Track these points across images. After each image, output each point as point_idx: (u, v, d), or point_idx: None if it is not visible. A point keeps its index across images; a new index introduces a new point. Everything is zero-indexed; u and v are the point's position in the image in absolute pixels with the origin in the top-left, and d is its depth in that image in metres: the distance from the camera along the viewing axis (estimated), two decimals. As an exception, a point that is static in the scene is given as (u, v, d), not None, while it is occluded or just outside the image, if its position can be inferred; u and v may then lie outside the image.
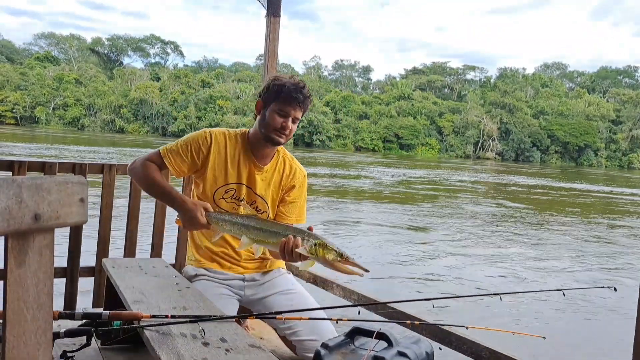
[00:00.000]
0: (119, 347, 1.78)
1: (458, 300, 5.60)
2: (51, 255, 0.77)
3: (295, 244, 1.71)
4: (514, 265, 8.67)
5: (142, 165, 2.01)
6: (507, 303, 6.29)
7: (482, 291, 6.65)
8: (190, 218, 1.90)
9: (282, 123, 2.00)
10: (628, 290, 6.60)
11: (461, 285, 7.17)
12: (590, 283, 7.82)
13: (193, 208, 1.90)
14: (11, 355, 0.71)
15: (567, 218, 15.65)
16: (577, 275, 8.38)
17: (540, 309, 6.34)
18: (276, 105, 2.01)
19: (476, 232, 11.80)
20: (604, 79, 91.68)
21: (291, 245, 1.72)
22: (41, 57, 78.72)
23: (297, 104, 2.01)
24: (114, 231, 2.76)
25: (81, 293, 2.75)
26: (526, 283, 7.53)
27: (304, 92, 2.01)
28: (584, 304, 6.65)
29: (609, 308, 6.53)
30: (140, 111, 67.84)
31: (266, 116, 2.03)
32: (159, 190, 2.01)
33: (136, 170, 2.03)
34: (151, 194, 2.05)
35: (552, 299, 6.51)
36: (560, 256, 9.76)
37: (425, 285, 7.14)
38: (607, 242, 11.73)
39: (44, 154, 24.22)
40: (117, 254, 2.78)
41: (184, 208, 1.91)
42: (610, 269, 8.95)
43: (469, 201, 18.37)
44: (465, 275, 7.72)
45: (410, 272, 7.75)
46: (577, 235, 12.53)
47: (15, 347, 0.71)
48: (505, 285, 7.37)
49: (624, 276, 8.43)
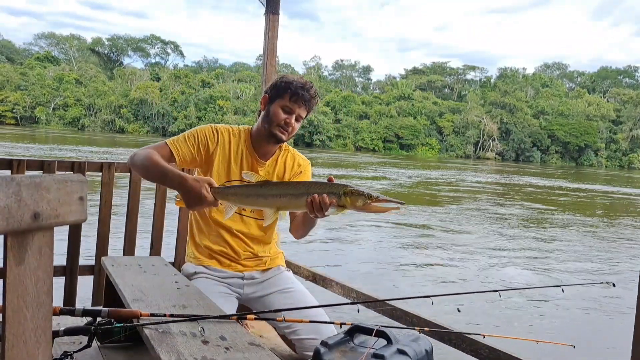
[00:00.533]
0: (118, 345, 1.78)
1: (477, 300, 5.47)
2: (50, 253, 0.77)
3: (323, 202, 1.64)
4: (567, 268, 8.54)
5: (144, 153, 1.94)
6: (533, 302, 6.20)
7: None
8: (194, 196, 1.74)
9: (286, 119, 2.03)
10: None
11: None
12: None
13: (195, 185, 1.73)
14: (11, 354, 0.70)
15: (593, 219, 15.46)
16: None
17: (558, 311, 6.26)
18: (282, 101, 2.03)
19: (512, 234, 11.63)
20: (604, 79, 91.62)
21: (319, 204, 1.64)
22: (41, 57, 78.70)
23: (303, 102, 2.03)
24: (113, 229, 2.75)
25: (80, 291, 2.75)
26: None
27: (311, 91, 2.04)
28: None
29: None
30: (141, 111, 67.82)
31: (270, 111, 2.05)
32: (157, 171, 1.87)
33: (137, 156, 1.95)
34: (151, 177, 1.94)
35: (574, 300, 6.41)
36: (617, 257, 9.60)
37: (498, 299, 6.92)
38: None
39: (45, 154, 24.21)
40: (116, 252, 2.78)
41: (186, 186, 1.75)
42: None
43: (493, 203, 18.16)
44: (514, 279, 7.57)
45: (480, 278, 7.59)
46: (622, 235, 12.32)
47: (15, 346, 0.71)
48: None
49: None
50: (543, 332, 5.49)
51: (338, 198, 1.64)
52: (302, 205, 1.69)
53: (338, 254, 8.71)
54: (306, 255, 7.98)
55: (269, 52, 3.22)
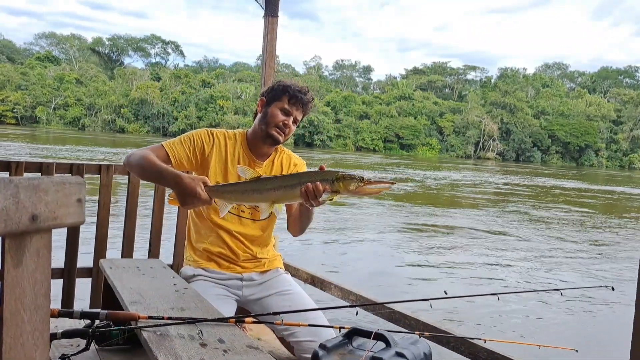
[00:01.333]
0: (116, 348, 1.78)
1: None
2: (48, 256, 0.77)
3: (317, 189, 1.66)
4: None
5: (140, 153, 1.95)
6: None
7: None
8: (189, 194, 1.75)
9: (284, 120, 2.08)
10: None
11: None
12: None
13: (190, 183, 1.74)
14: (8, 357, 0.70)
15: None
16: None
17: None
18: (280, 103, 2.09)
19: (564, 236, 11.43)
20: (605, 79, 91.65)
21: (313, 192, 1.67)
22: (42, 57, 78.83)
23: (300, 105, 2.10)
24: (111, 231, 2.74)
25: (78, 294, 2.73)
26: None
27: (307, 96, 2.11)
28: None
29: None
30: (141, 111, 67.88)
31: (268, 113, 2.10)
32: (154, 170, 1.88)
33: (133, 157, 1.96)
34: (147, 177, 1.95)
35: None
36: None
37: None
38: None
39: (43, 154, 24.21)
40: (115, 254, 2.77)
41: (182, 184, 1.76)
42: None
43: (530, 206, 17.60)
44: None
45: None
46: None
47: (13, 349, 0.71)
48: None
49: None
50: (558, 336, 5.40)
51: (331, 184, 1.66)
52: (297, 196, 1.72)
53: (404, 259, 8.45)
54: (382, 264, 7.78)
55: (268, 54, 3.23)
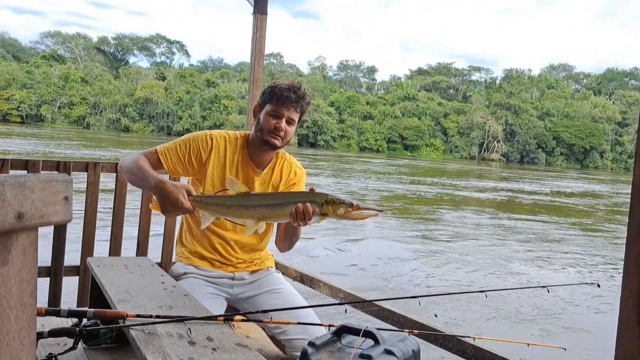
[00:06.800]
0: (103, 346, 1.78)
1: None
2: (35, 254, 0.77)
3: (307, 211, 1.67)
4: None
5: (132, 157, 1.92)
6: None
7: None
8: (170, 201, 1.68)
9: (276, 124, 1.99)
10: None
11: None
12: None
13: (173, 190, 1.68)
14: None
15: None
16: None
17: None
18: (270, 107, 2.01)
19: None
20: (610, 80, 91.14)
21: (302, 213, 1.68)
22: (47, 56, 79.03)
23: (290, 104, 1.99)
24: (98, 229, 2.72)
25: (66, 292, 2.72)
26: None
27: (298, 92, 2.00)
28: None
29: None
30: (146, 110, 67.95)
31: (260, 119, 2.03)
32: (140, 174, 1.83)
33: (125, 160, 1.94)
34: (133, 181, 1.90)
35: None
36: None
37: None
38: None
39: (44, 152, 24.30)
40: (102, 252, 2.75)
41: (164, 190, 1.69)
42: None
43: (599, 218, 16.07)
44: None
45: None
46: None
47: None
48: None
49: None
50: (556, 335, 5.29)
51: (320, 207, 1.69)
52: (285, 215, 1.73)
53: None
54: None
55: (257, 52, 3.19)
